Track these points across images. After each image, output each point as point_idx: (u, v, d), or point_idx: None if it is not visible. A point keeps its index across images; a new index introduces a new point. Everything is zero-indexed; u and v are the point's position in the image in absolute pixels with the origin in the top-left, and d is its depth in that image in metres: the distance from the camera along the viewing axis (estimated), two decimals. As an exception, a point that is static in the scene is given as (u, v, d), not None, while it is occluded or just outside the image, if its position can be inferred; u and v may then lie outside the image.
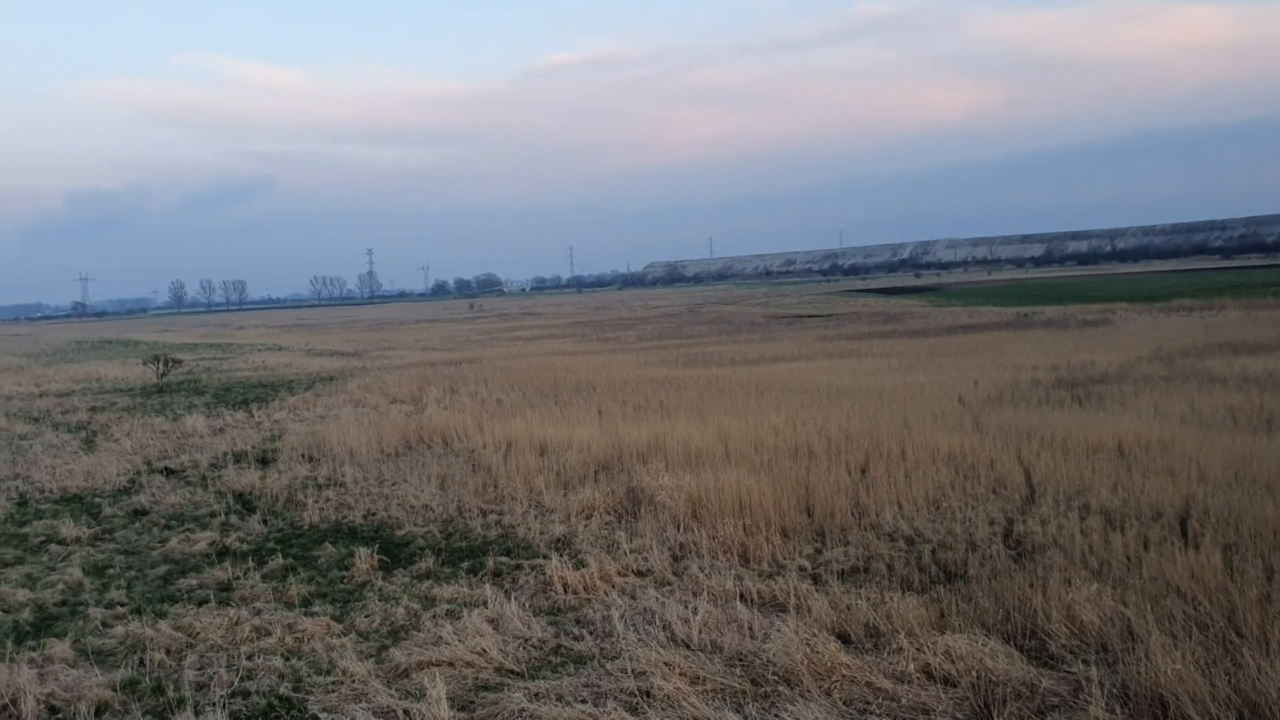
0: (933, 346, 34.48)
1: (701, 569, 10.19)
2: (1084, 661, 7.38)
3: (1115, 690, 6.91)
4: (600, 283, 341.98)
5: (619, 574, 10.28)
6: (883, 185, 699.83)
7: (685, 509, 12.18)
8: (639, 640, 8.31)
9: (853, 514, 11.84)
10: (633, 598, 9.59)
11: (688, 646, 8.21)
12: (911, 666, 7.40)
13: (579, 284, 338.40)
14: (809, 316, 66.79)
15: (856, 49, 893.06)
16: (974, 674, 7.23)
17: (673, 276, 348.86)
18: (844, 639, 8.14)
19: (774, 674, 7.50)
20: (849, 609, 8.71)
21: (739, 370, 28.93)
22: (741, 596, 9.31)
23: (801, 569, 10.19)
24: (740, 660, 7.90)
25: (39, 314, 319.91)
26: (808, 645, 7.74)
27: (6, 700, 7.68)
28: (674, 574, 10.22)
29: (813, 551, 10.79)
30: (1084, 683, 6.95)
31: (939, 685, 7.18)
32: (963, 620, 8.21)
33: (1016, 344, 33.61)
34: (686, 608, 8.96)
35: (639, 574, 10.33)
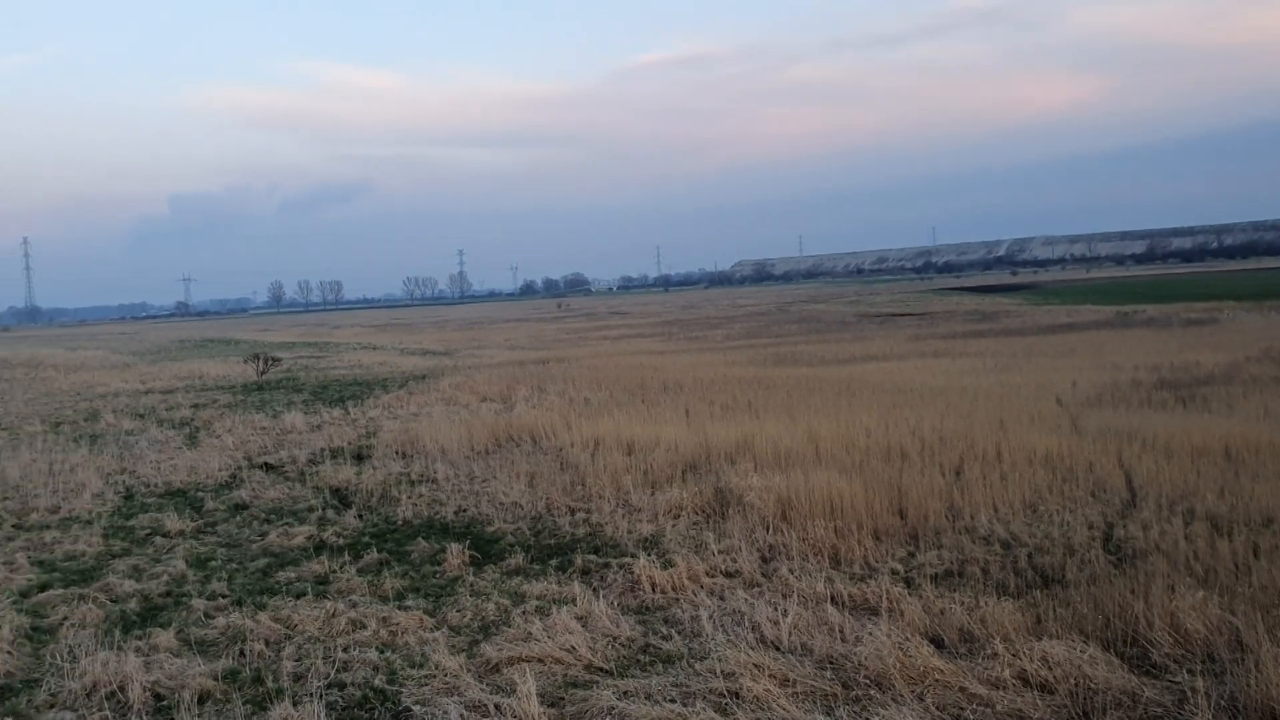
0: (1029, 346, 33.74)
1: (791, 571, 10.11)
2: (1189, 671, 7.14)
3: (1223, 702, 6.67)
4: (687, 281, 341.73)
5: (707, 574, 10.26)
6: (977, 181, 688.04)
7: (774, 510, 12.10)
8: (728, 641, 8.27)
9: (946, 517, 11.64)
10: (721, 598, 9.56)
11: (777, 648, 8.15)
12: (1007, 672, 7.25)
13: (666, 283, 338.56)
14: (901, 315, 65.88)
15: (953, 43, 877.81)
16: (1072, 681, 7.05)
17: (761, 275, 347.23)
18: (937, 643, 8.00)
19: (865, 677, 7.41)
20: (943, 613, 8.56)
21: (829, 370, 28.66)
22: (832, 599, 9.21)
23: (894, 572, 10.05)
24: (831, 663, 7.81)
25: (144, 313, 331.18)
26: (900, 649, 7.63)
27: (115, 687, 7.95)
28: (763, 575, 10.16)
29: (905, 554, 10.63)
30: (1189, 693, 6.73)
31: (1035, 692, 7.02)
32: (1060, 626, 8.01)
33: (1116, 343, 32.71)
34: (776, 609, 8.90)
35: (727, 575, 10.30)
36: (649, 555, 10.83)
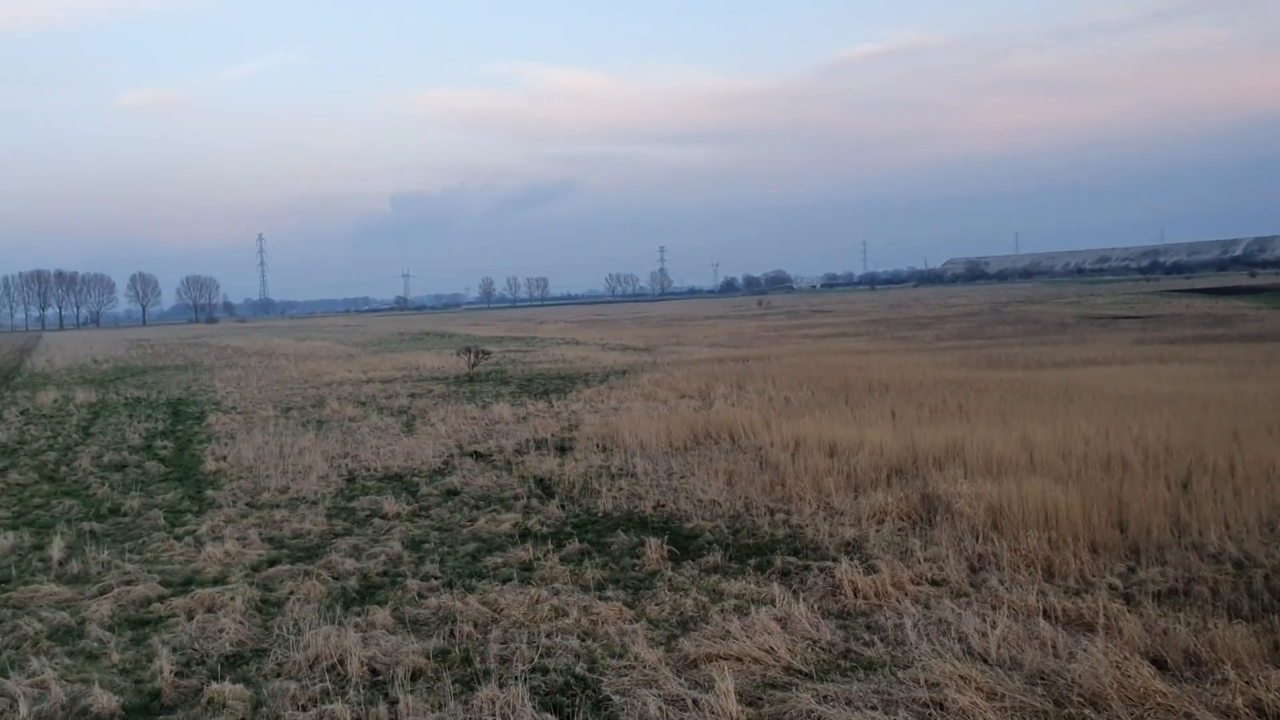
0: (1269, 353, 31.29)
1: (1001, 581, 9.72)
2: None
3: None
4: (894, 280, 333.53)
5: (912, 581, 9.98)
6: (1211, 176, 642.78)
7: (984, 518, 11.67)
8: (932, 650, 8.02)
9: (1171, 532, 10.94)
10: (926, 607, 9.28)
11: (985, 660, 7.85)
12: (1239, 700, 6.74)
13: (872, 281, 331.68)
14: (1125, 318, 62.39)
15: (1189, 28, 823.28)
16: (1317, 717, 6.48)
17: (973, 273, 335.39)
18: (1159, 665, 7.52)
19: (1079, 696, 7.03)
20: (1165, 633, 8.05)
21: (1045, 374, 27.42)
22: (1045, 613, 8.80)
23: (1112, 588, 9.52)
24: (1042, 679, 7.46)
25: (366, 306, 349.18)
26: (1118, 668, 7.21)
27: (335, 660, 8.40)
28: (971, 585, 9.81)
29: (1125, 570, 10.05)
30: None
31: (1274, 726, 6.49)
32: (1303, 656, 7.39)
33: (1370, 352, 29.93)
34: (984, 620, 8.58)
35: (933, 583, 9.99)
36: (851, 560, 10.63)
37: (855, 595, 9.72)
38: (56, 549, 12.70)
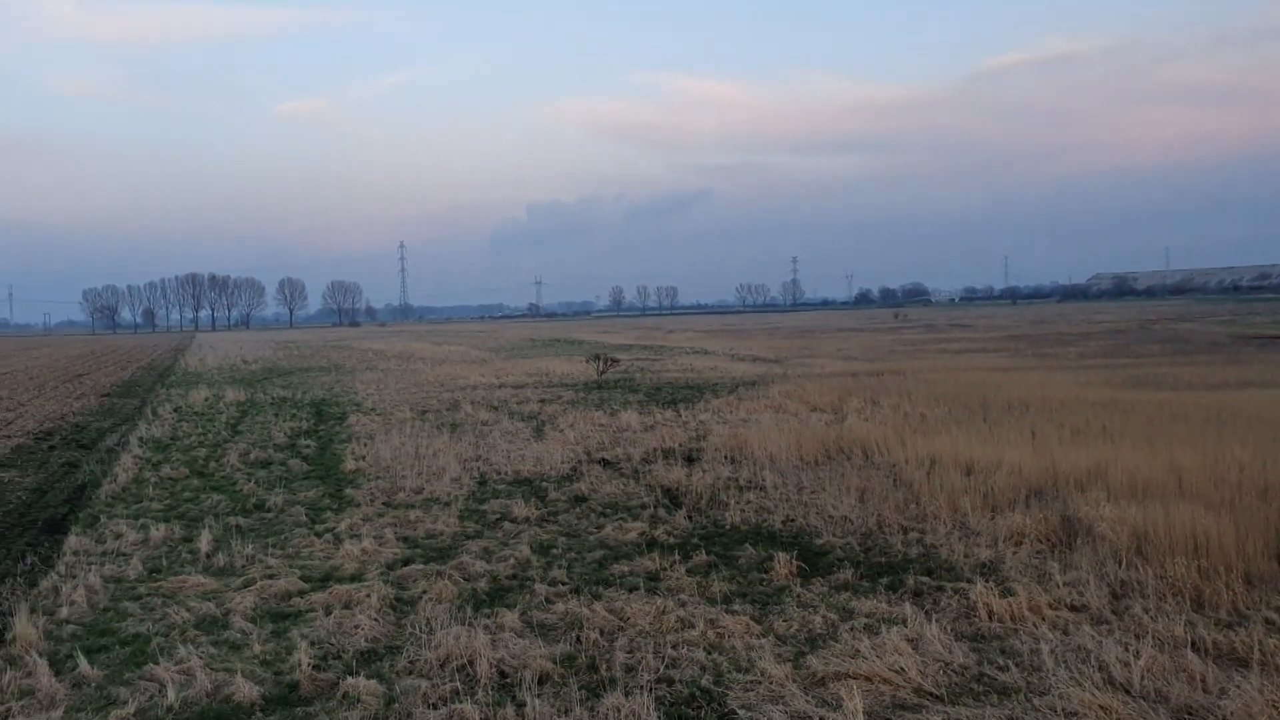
0: None
1: (1145, 610, 9.31)
2: None
3: None
4: (1037, 294, 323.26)
5: (1050, 606, 9.64)
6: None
7: (1128, 543, 11.19)
8: (1071, 679, 7.72)
9: (1336, 566, 10.28)
10: (1065, 633, 8.95)
11: (1127, 692, 7.52)
12: None
13: (1013, 295, 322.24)
14: (1281, 338, 59.13)
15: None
16: None
17: (1120, 289, 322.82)
18: (1322, 709, 7.07)
19: (1233, 737, 6.67)
20: (1330, 675, 7.56)
21: (1196, 395, 26.17)
22: (1193, 644, 8.39)
23: (1269, 622, 9.00)
24: (1189, 714, 7.13)
25: (500, 313, 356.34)
26: (1275, 707, 6.84)
27: (465, 660, 8.56)
28: (1113, 613, 9.42)
29: (1284, 604, 9.50)
30: None
31: None
32: None
33: None
34: (1127, 650, 8.22)
35: (1072, 609, 9.62)
36: (986, 581, 10.33)
37: (990, 618, 9.43)
38: (204, 542, 13.30)
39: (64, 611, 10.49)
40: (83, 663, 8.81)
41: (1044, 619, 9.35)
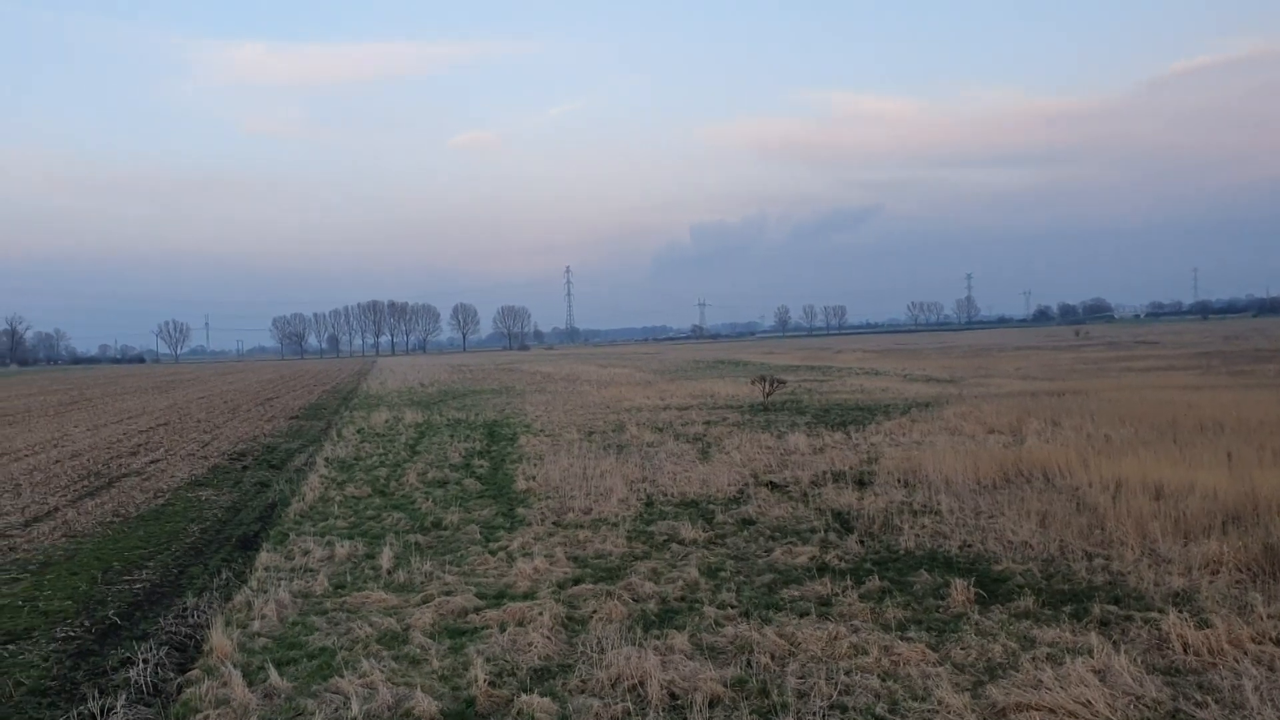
0: None
1: (1364, 648, 8.60)
2: None
3: None
4: (1231, 309, 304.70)
5: (1253, 640, 9.03)
6: None
7: (1341, 574, 10.39)
8: (1278, 717, 7.19)
9: None
10: (1270, 669, 8.37)
11: (1345, 738, 6.95)
12: None
13: (1204, 310, 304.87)
14: None
15: None
16: None
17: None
18: None
19: None
20: None
21: None
22: None
23: None
24: None
25: (664, 335, 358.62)
26: None
27: (636, 681, 8.60)
28: (1326, 649, 8.74)
29: None
30: None
31: None
32: None
33: None
34: (1343, 691, 7.61)
35: (1279, 643, 8.98)
36: (1180, 612, 9.75)
37: (1185, 650, 8.90)
38: (386, 558, 13.81)
39: (256, 625, 11.04)
40: (273, 674, 9.24)
41: (1246, 653, 8.76)
